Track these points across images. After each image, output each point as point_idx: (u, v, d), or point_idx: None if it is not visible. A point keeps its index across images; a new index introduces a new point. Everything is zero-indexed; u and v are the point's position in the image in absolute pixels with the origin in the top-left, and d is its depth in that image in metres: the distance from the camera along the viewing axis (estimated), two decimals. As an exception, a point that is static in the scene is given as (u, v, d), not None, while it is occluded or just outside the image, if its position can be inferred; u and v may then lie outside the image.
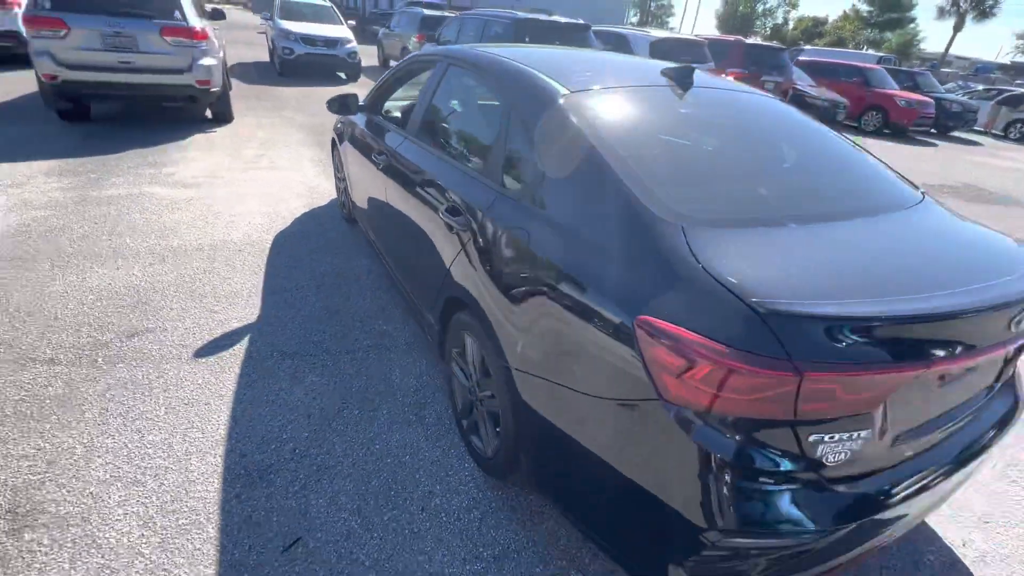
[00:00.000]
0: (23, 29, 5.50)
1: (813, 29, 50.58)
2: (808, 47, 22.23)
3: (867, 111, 12.72)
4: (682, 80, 1.85)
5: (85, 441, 1.90)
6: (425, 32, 11.24)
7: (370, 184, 2.86)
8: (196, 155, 5.27)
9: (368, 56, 13.40)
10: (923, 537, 1.84)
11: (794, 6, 53.79)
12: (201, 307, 2.78)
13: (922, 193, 1.72)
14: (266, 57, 12.29)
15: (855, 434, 1.09)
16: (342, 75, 11.34)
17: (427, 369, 2.48)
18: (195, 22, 5.73)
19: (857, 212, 1.51)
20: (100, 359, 2.32)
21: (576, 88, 1.67)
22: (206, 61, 5.72)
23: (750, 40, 12.98)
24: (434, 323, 2.11)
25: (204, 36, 5.74)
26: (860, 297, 1.09)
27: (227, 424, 2.04)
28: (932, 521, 1.90)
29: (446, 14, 12.44)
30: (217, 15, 7.17)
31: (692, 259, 1.15)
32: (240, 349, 2.47)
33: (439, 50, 2.52)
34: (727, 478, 1.05)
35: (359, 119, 3.16)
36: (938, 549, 1.81)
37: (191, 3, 5.89)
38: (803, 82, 12.36)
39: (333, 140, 3.93)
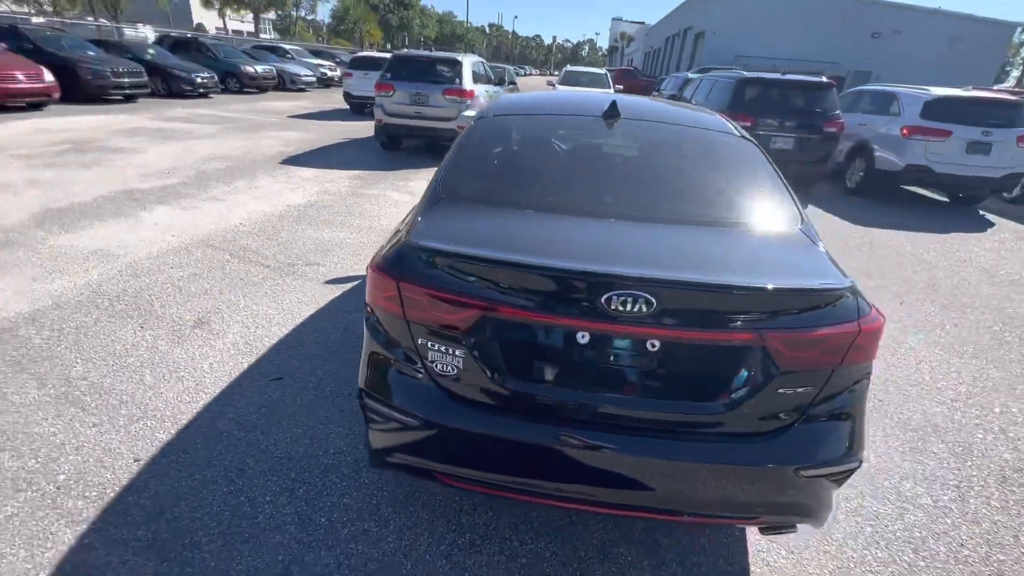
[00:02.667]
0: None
1: None
2: None
3: None
4: (610, 113, 2.08)
5: (270, 293, 3.30)
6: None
7: None
8: (438, 177, 7.26)
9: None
10: None
11: None
12: (355, 260, 4.13)
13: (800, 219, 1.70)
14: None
15: (452, 351, 1.34)
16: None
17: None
18: (468, 85, 7.88)
19: (651, 217, 1.65)
20: (286, 270, 3.83)
21: (496, 113, 2.29)
22: (468, 112, 7.77)
23: None
24: None
25: (471, 95, 7.86)
26: (501, 250, 1.33)
27: (322, 305, 3.17)
28: None
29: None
30: (504, 83, 9.52)
31: (419, 215, 1.59)
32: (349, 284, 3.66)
33: None
34: (370, 352, 1.50)
35: None
36: None
37: (470, 73, 8.11)
38: None
39: None
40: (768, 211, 1.80)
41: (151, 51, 14.11)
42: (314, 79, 18.75)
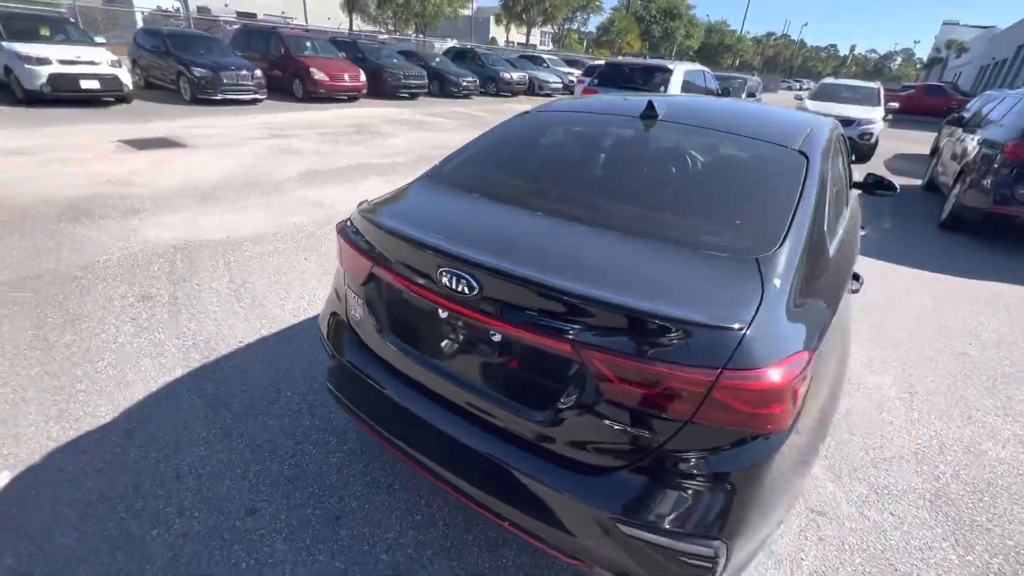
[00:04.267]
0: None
1: None
2: None
3: None
4: (646, 114, 1.98)
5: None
6: None
7: None
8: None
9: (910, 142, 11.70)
10: None
11: None
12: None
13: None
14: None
15: (358, 299, 1.56)
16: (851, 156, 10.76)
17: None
18: (674, 93, 7.61)
19: (605, 224, 1.55)
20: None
21: (540, 110, 2.38)
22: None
23: None
24: None
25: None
26: (398, 222, 1.51)
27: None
28: None
29: None
30: (727, 94, 8.86)
31: (401, 190, 1.84)
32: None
33: None
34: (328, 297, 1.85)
35: None
36: None
37: (679, 83, 7.79)
38: None
39: None
40: (738, 234, 1.52)
41: (437, 59, 17.41)
42: (560, 85, 20.31)
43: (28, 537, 1.66)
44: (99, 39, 10.99)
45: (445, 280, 1.31)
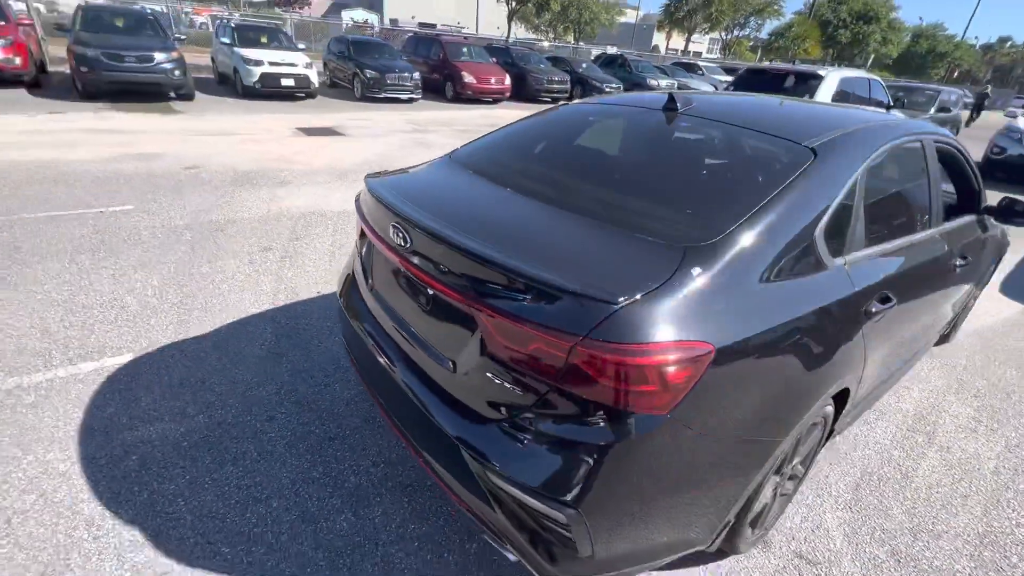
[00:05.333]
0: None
1: None
2: None
3: None
4: (668, 106, 1.95)
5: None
6: None
7: None
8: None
9: None
10: None
11: None
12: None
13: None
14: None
15: (356, 255, 1.82)
16: None
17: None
18: (817, 104, 6.82)
19: (573, 208, 1.60)
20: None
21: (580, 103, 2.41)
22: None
23: None
24: None
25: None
26: (395, 194, 1.68)
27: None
28: None
29: None
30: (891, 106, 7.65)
31: (414, 166, 2.07)
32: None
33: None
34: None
35: None
36: None
37: (830, 92, 6.92)
38: None
39: None
40: (682, 223, 1.49)
41: (583, 65, 17.64)
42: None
43: (139, 388, 2.26)
44: (300, 45, 13.31)
45: (391, 234, 1.51)
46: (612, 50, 26.91)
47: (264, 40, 11.82)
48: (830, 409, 1.73)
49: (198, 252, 3.75)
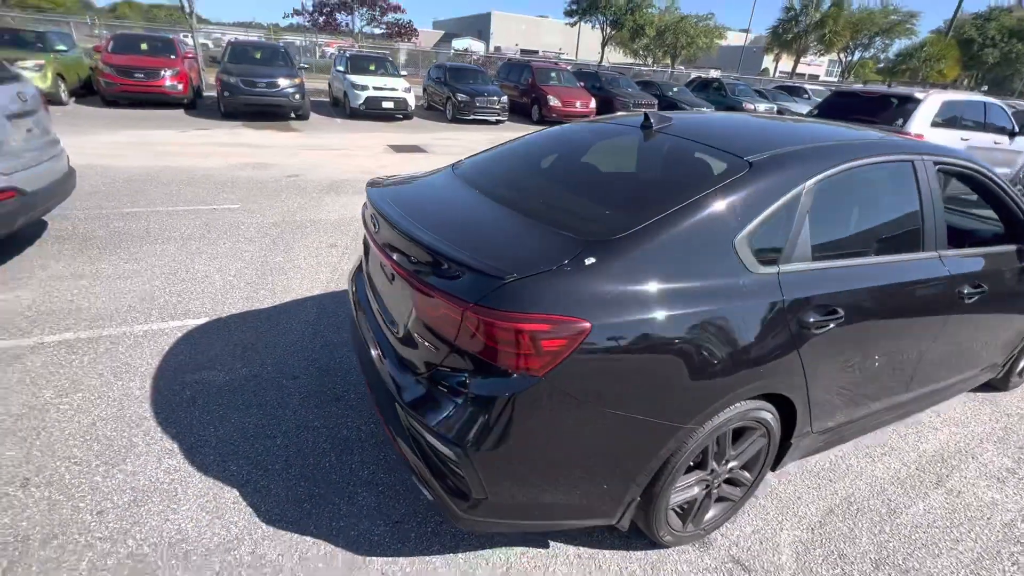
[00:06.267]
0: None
1: None
2: None
3: None
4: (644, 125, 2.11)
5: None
6: None
7: None
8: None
9: None
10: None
11: None
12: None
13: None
14: None
15: (362, 247, 2.18)
16: None
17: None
18: (917, 129, 6.28)
19: (530, 212, 1.79)
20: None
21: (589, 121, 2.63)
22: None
23: None
24: None
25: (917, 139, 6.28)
26: (381, 193, 2.02)
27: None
28: None
29: None
30: None
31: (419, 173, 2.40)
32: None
33: None
34: None
35: None
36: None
37: (928, 116, 6.36)
38: None
39: None
40: (597, 222, 1.69)
41: (674, 89, 17.44)
42: (819, 119, 17.88)
43: (206, 344, 2.83)
44: (403, 72, 14.69)
45: (368, 221, 1.86)
46: (715, 73, 26.19)
47: (372, 68, 13.26)
48: (768, 416, 1.76)
49: (278, 244, 4.45)
